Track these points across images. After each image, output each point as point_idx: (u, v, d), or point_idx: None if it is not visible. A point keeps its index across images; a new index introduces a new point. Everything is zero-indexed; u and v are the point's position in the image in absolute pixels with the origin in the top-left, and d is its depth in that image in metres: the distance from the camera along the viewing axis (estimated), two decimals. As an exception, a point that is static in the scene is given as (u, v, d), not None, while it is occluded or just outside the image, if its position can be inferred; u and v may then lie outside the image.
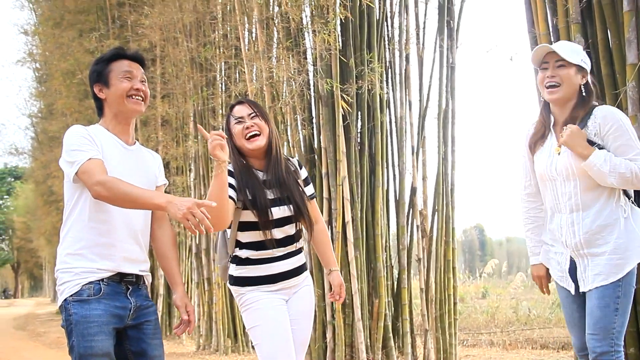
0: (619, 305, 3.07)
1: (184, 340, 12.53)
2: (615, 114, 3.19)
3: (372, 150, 6.99)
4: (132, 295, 2.94)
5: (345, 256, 6.60)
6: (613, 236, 3.12)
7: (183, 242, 13.37)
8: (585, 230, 3.16)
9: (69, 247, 2.89)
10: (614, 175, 3.06)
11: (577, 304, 3.27)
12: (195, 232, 2.62)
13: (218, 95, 10.02)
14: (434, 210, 7.51)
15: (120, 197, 2.72)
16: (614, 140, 3.14)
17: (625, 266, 3.09)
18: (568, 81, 3.25)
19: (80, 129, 2.93)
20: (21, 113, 49.16)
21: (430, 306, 7.38)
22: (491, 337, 11.12)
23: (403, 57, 7.45)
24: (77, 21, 14.26)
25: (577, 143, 3.14)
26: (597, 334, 3.07)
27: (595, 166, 3.09)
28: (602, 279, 3.10)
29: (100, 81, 3.02)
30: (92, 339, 2.76)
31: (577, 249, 3.20)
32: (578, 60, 3.26)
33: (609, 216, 3.14)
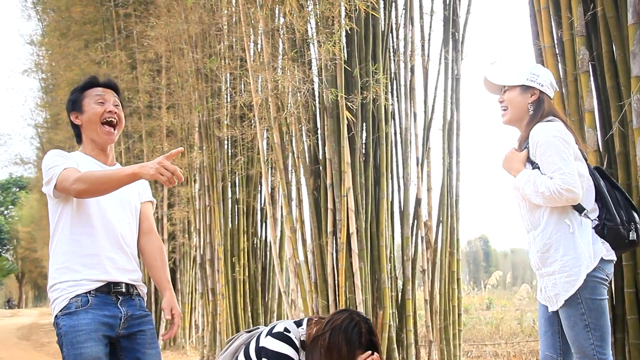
0: (587, 321, 3.04)
1: (187, 350, 12.53)
2: (542, 131, 3.14)
3: (377, 162, 6.99)
4: (122, 305, 2.96)
5: (349, 267, 6.59)
6: (559, 254, 3.11)
7: (187, 252, 13.39)
8: (537, 248, 3.20)
9: (55, 263, 2.95)
10: (538, 195, 3.07)
11: (544, 318, 3.30)
12: (169, 184, 2.70)
13: (223, 106, 10.05)
14: (438, 222, 7.51)
15: (98, 183, 2.80)
16: (540, 158, 3.13)
17: (575, 283, 3.06)
18: (512, 103, 3.27)
19: (54, 151, 3.04)
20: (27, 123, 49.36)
21: (434, 317, 7.36)
22: (495, 348, 11.09)
23: (408, 69, 7.46)
24: (83, 32, 14.35)
25: (510, 167, 3.20)
26: (578, 352, 3.09)
27: (520, 187, 3.13)
28: (561, 298, 3.10)
29: (75, 109, 3.12)
30: (81, 346, 2.78)
31: (537, 268, 3.24)
32: (522, 80, 3.25)
33: (552, 234, 3.14)
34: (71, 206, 2.94)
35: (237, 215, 10.26)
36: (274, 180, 8.31)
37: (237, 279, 9.86)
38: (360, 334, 3.21)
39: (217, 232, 9.95)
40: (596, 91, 4.81)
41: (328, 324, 3.25)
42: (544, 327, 3.29)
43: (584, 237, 3.11)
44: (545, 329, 3.28)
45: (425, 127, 7.53)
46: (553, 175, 3.05)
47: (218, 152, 10.16)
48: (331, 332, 3.19)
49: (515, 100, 3.26)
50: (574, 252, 3.08)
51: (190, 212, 11.74)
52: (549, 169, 3.08)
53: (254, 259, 10.35)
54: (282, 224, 9.16)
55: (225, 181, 10.16)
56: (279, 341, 3.12)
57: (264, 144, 8.29)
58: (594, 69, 4.79)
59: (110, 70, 13.02)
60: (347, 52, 6.94)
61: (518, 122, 3.30)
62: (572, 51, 4.79)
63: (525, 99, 3.26)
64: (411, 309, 7.09)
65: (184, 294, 13.44)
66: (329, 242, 6.72)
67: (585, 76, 4.68)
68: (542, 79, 3.30)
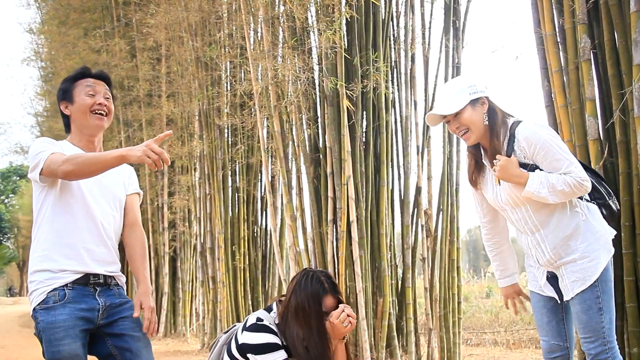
0: (601, 304, 3.10)
1: (188, 338, 12.57)
2: (536, 133, 3.14)
3: (377, 150, 6.99)
4: (100, 296, 2.98)
5: (349, 255, 6.61)
6: (578, 242, 3.14)
7: (188, 241, 13.42)
8: (552, 246, 3.19)
9: (35, 250, 2.96)
10: (555, 194, 3.06)
11: (547, 308, 3.34)
12: (155, 167, 2.72)
13: (223, 95, 10.04)
14: (438, 210, 7.52)
15: (86, 165, 2.80)
16: (544, 159, 3.12)
17: (598, 266, 3.11)
18: (470, 123, 3.23)
19: (42, 138, 3.06)
20: (27, 112, 49.30)
21: (434, 305, 7.38)
22: (495, 336, 11.13)
23: (408, 57, 7.45)
24: (82, 20, 14.32)
25: (510, 174, 3.14)
26: (589, 336, 3.11)
27: (534, 192, 3.09)
28: (580, 284, 3.13)
29: (66, 99, 3.13)
30: (59, 343, 2.80)
31: (551, 264, 3.24)
32: (466, 98, 3.22)
33: (568, 226, 3.16)
34: (54, 194, 2.95)
35: (237, 204, 10.27)
36: (274, 169, 8.31)
37: (237, 267, 9.89)
38: (319, 282, 3.21)
39: (218, 220, 9.96)
40: (597, 79, 4.79)
41: (288, 292, 3.27)
42: (547, 317, 3.32)
43: (598, 220, 3.20)
44: (549, 319, 3.32)
45: (426, 115, 7.51)
46: (568, 170, 3.07)
47: (218, 141, 10.15)
48: (292, 296, 3.20)
49: (472, 118, 3.22)
50: (592, 237, 3.14)
51: (191, 201, 11.75)
52: (560, 166, 3.09)
53: (254, 247, 10.37)
54: (283, 212, 9.17)
55: (226, 170, 10.16)
56: (255, 333, 3.12)
57: (264, 133, 8.28)
58: (595, 57, 4.77)
59: (110, 59, 13.00)
60: (348, 40, 6.92)
61: (482, 136, 3.28)
62: (573, 39, 4.77)
63: (479, 112, 3.24)
64: (411, 297, 7.11)
65: (185, 282, 13.47)
66: (329, 231, 6.72)
67: (587, 64, 4.67)
68: (480, 86, 3.27)
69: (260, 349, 3.08)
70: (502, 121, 3.27)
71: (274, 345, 3.09)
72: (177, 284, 13.57)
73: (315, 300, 3.17)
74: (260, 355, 3.07)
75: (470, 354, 9.10)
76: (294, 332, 3.12)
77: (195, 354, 10.09)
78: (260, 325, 3.15)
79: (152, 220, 13.46)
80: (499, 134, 3.23)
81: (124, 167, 3.27)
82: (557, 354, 3.30)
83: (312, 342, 3.11)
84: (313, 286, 3.20)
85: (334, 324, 3.14)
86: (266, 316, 3.21)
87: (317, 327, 3.14)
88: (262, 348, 3.08)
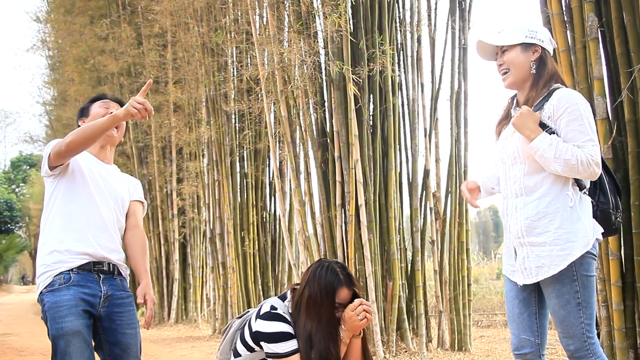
0: (580, 299, 2.90)
1: (200, 324, 12.65)
2: (573, 98, 2.96)
3: (385, 133, 6.97)
4: (104, 283, 3.09)
5: (358, 239, 6.61)
6: (554, 225, 2.93)
7: (197, 227, 13.47)
8: (527, 215, 2.99)
9: (45, 235, 3.12)
10: (559, 162, 2.88)
11: (519, 299, 3.10)
12: (141, 118, 2.90)
13: (230, 80, 10.02)
14: (447, 193, 7.50)
15: (84, 132, 2.97)
16: (566, 125, 2.94)
17: (567, 257, 2.89)
18: (513, 64, 3.08)
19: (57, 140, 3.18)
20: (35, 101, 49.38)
21: (444, 288, 7.39)
22: (505, 317, 11.13)
23: (414, 39, 7.41)
24: (87, 8, 14.30)
25: (525, 125, 2.97)
26: (566, 332, 2.93)
27: (539, 150, 2.92)
28: (545, 272, 2.93)
29: (83, 115, 3.42)
30: (62, 320, 2.91)
31: (519, 237, 3.03)
32: (521, 38, 3.08)
33: (551, 204, 2.95)
34: (64, 185, 3.14)
35: (245, 189, 10.28)
36: (282, 154, 8.30)
37: (247, 252, 9.92)
38: (334, 273, 3.17)
39: (227, 206, 9.99)
40: (605, 58, 4.75)
41: (302, 282, 3.23)
42: (519, 308, 3.09)
43: (585, 212, 2.98)
44: (520, 311, 3.09)
45: (433, 97, 7.50)
46: (584, 145, 2.89)
47: (226, 127, 10.15)
48: (306, 287, 3.17)
49: (517, 60, 3.08)
50: (571, 226, 2.93)
51: (199, 187, 11.78)
52: (579, 138, 2.90)
53: (264, 232, 10.39)
54: (291, 197, 9.18)
55: (234, 155, 10.17)
56: (269, 321, 3.11)
57: (271, 118, 8.28)
58: (603, 35, 4.73)
59: (117, 46, 12.99)
60: (353, 23, 6.89)
61: (521, 83, 3.12)
62: (580, 18, 4.73)
63: (527, 57, 3.08)
64: (421, 280, 7.12)
65: (195, 268, 13.54)
66: (337, 215, 6.73)
67: (594, 43, 4.63)
68: (541, 35, 3.13)
69: (273, 337, 3.08)
70: (549, 78, 3.10)
71: (286, 335, 3.08)
72: (187, 270, 13.64)
73: (328, 291, 3.12)
74: (272, 344, 3.08)
75: (481, 336, 9.12)
76: (303, 323, 3.11)
77: (206, 339, 10.16)
78: (273, 314, 3.14)
79: (162, 208, 13.50)
80: (539, 88, 3.08)
81: (130, 178, 3.51)
82: (527, 349, 3.06)
83: (318, 335, 3.07)
84: (327, 277, 3.15)
85: (349, 317, 3.10)
86: (280, 305, 3.20)
87: (327, 319, 3.11)
88: (275, 337, 3.08)
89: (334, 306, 3.12)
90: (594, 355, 2.90)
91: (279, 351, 3.07)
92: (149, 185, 13.69)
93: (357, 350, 3.22)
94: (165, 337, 10.81)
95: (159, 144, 13.32)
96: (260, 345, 3.12)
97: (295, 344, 3.09)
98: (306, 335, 3.08)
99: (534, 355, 3.04)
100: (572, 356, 2.94)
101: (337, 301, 3.13)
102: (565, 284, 2.91)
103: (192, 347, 9.22)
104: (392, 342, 6.64)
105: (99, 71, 13.70)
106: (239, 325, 3.38)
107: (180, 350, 8.85)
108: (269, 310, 3.15)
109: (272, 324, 3.10)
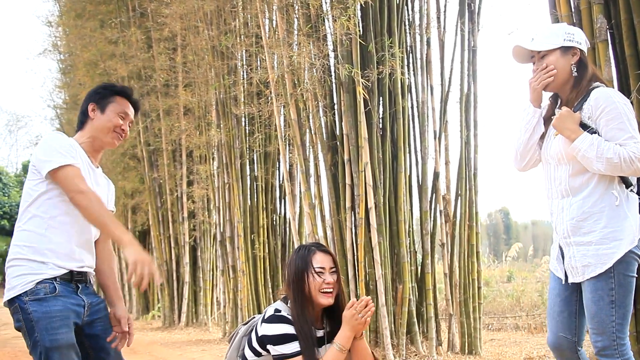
0: (614, 297, 2.92)
1: (210, 327, 12.67)
2: (610, 97, 2.99)
3: (394, 136, 6.97)
4: (82, 293, 3.02)
5: (368, 242, 6.61)
6: (600, 225, 2.96)
7: (207, 230, 13.49)
8: (572, 215, 3.03)
9: (24, 239, 2.95)
10: (601, 161, 2.89)
11: (561, 297, 3.15)
12: (136, 284, 2.77)
13: (240, 83, 10.05)
14: (457, 195, 7.49)
15: (95, 214, 2.88)
16: (606, 124, 2.96)
17: (613, 255, 2.92)
18: (556, 68, 3.10)
19: (66, 138, 3.07)
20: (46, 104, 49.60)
21: (454, 291, 7.38)
22: (516, 320, 11.10)
23: (424, 42, 7.41)
24: (98, 12, 14.37)
25: (565, 126, 3.01)
26: (596, 328, 2.95)
27: (580, 150, 2.94)
28: (591, 271, 2.96)
29: (98, 103, 3.18)
30: (57, 332, 2.83)
31: (565, 237, 3.07)
32: (560, 42, 3.11)
33: (596, 203, 2.98)
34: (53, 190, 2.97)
35: (255, 193, 10.30)
36: (291, 157, 8.32)
37: (257, 255, 9.93)
38: (306, 247, 3.28)
39: (237, 209, 10.00)
40: (615, 60, 4.73)
41: None
42: (559, 306, 3.14)
43: (632, 210, 3.00)
44: (561, 309, 3.14)
45: (442, 100, 7.49)
46: (626, 142, 2.90)
47: (236, 130, 10.18)
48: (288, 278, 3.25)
49: (558, 63, 3.10)
50: (618, 224, 2.95)
51: (210, 190, 11.80)
52: (620, 136, 2.92)
53: (274, 235, 10.41)
54: (301, 200, 9.18)
55: (244, 158, 10.19)
56: (274, 324, 3.13)
57: (281, 121, 8.29)
58: (612, 37, 4.71)
59: (127, 50, 13.05)
60: (362, 26, 6.90)
61: (563, 85, 3.15)
62: (589, 19, 4.71)
63: (568, 60, 3.12)
64: (431, 283, 7.10)
65: (205, 271, 13.56)
66: (347, 218, 6.73)
67: (603, 45, 4.61)
68: (578, 37, 3.17)
69: (278, 339, 3.10)
70: (589, 79, 3.13)
71: (291, 336, 3.10)
72: (197, 273, 13.66)
73: (303, 263, 3.19)
74: (278, 346, 3.09)
75: (491, 339, 9.09)
76: (297, 317, 3.15)
77: (217, 342, 10.18)
78: (277, 316, 3.16)
79: (172, 211, 13.54)
80: (582, 89, 3.11)
81: (110, 184, 3.37)
82: (564, 347, 3.12)
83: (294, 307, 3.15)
84: (300, 251, 3.26)
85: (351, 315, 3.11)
86: (284, 307, 3.22)
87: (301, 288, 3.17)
88: (280, 339, 3.10)
89: (315, 273, 3.17)
90: (622, 356, 2.92)
91: (286, 352, 3.09)
92: (159, 188, 13.73)
93: (362, 352, 3.23)
94: (175, 340, 10.84)
95: (169, 147, 13.36)
96: (267, 349, 3.14)
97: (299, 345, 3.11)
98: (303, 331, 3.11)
99: (571, 352, 3.12)
100: (599, 353, 2.96)
101: (317, 266, 3.18)
102: (600, 280, 2.94)
103: (202, 350, 9.24)
104: (402, 346, 6.63)
105: (109, 75, 13.75)
106: (245, 332, 3.40)
107: (190, 353, 8.86)
108: (273, 314, 3.18)
109: (277, 326, 3.13)
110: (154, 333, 12.47)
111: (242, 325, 3.47)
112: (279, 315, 3.17)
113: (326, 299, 3.17)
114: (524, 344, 8.42)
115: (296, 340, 3.09)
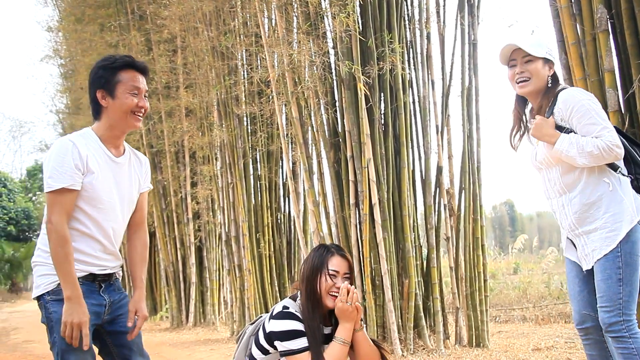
0: (622, 275, 3.13)
1: (217, 326, 12.70)
2: (575, 96, 3.26)
3: (397, 131, 6.98)
4: (105, 292, 3.02)
5: (373, 238, 6.62)
6: (601, 212, 3.20)
7: (213, 230, 13.51)
8: (574, 210, 3.27)
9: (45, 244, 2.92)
10: (584, 156, 3.14)
11: (579, 278, 3.36)
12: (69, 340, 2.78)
13: (240, 83, 10.06)
14: (460, 189, 7.49)
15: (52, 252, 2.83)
16: (578, 122, 3.22)
17: (616, 237, 3.14)
18: (537, 74, 3.37)
19: (70, 150, 2.91)
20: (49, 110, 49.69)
21: (460, 284, 7.38)
22: (523, 312, 11.11)
23: (424, 36, 7.40)
24: (97, 16, 14.38)
25: (543, 133, 3.28)
26: (605, 305, 3.14)
27: (563, 151, 3.19)
28: (598, 253, 3.18)
29: (105, 89, 2.99)
30: None
31: (572, 230, 3.30)
32: (543, 54, 3.37)
33: (593, 194, 3.22)
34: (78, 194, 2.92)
35: (259, 192, 10.31)
36: (294, 155, 8.33)
37: (262, 254, 9.94)
38: (325, 247, 3.32)
39: (241, 208, 10.02)
40: (616, 50, 4.73)
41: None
42: (579, 286, 3.35)
43: (626, 192, 3.22)
44: (581, 288, 3.34)
45: (444, 94, 7.48)
46: (600, 134, 3.14)
47: (238, 130, 10.18)
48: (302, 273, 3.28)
49: (541, 72, 3.36)
50: (617, 208, 3.18)
51: (214, 190, 11.82)
52: (593, 130, 3.16)
53: (279, 233, 10.41)
54: (305, 198, 9.19)
55: (247, 158, 10.20)
56: (282, 320, 3.16)
57: (282, 119, 8.30)
58: (613, 27, 4.71)
59: (127, 53, 13.05)
60: (362, 22, 6.90)
61: (538, 92, 3.40)
62: (589, 10, 4.71)
63: (546, 71, 3.38)
64: (437, 277, 7.11)
65: (211, 271, 13.58)
66: (351, 214, 6.74)
67: (604, 35, 4.61)
68: (554, 53, 3.46)
69: (286, 335, 3.12)
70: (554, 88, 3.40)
71: (299, 332, 3.13)
72: (204, 273, 13.68)
73: (319, 261, 3.24)
74: (286, 342, 3.12)
75: (499, 331, 9.10)
76: (307, 314, 3.18)
77: (225, 342, 10.20)
78: (286, 313, 3.19)
79: (177, 212, 13.56)
80: (550, 96, 3.36)
81: (144, 162, 3.26)
82: (588, 324, 3.31)
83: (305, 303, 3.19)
84: (318, 251, 3.30)
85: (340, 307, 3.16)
86: (292, 304, 3.25)
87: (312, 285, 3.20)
88: (288, 335, 3.12)
89: (328, 275, 3.21)
90: (629, 331, 3.12)
91: (293, 347, 3.12)
92: (164, 190, 13.75)
93: (364, 344, 3.27)
94: (184, 341, 10.86)
95: (172, 148, 13.38)
96: (275, 345, 3.16)
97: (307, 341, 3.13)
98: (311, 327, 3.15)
99: (595, 329, 3.29)
100: (607, 330, 3.17)
101: (331, 268, 3.23)
102: (608, 259, 3.16)
103: (210, 349, 9.26)
104: (410, 340, 6.64)
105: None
106: (252, 331, 3.43)
107: (199, 353, 8.89)
108: (281, 310, 3.22)
109: (285, 322, 3.15)
110: (162, 334, 12.50)
111: (250, 325, 3.49)
112: (287, 311, 3.19)
113: (332, 301, 3.20)
114: (531, 336, 8.43)
115: (304, 336, 3.12)
